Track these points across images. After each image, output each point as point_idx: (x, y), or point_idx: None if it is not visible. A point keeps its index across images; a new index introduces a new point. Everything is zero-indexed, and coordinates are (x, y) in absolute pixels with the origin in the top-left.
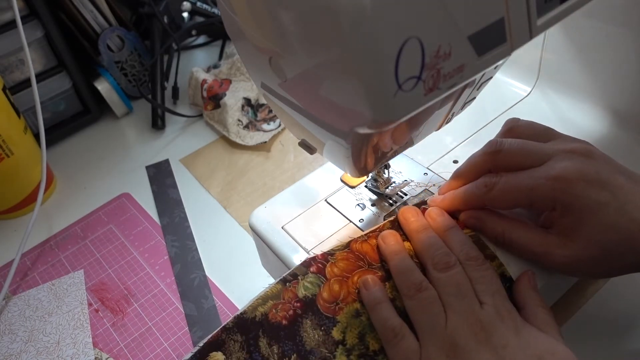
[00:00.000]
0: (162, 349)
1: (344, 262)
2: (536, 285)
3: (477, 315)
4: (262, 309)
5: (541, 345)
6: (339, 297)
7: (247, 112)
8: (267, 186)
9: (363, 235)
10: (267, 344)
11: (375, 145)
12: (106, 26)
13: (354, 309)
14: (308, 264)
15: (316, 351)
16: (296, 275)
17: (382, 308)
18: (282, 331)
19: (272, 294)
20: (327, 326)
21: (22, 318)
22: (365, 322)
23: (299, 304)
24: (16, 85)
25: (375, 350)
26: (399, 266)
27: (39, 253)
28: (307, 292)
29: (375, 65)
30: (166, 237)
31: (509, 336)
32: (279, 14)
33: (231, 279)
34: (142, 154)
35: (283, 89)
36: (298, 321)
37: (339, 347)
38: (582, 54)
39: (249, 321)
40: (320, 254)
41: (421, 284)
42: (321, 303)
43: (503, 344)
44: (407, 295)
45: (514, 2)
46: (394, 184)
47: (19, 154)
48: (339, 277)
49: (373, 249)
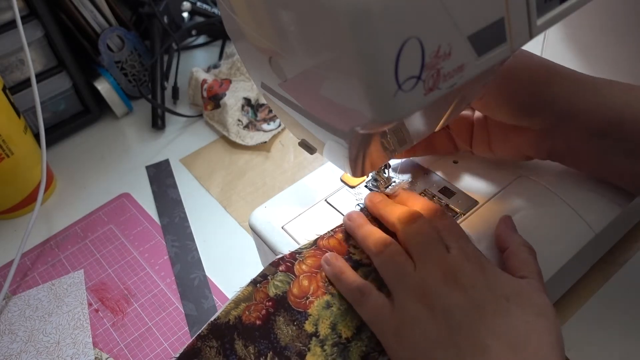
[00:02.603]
0: (162, 349)
1: (311, 259)
2: (514, 226)
3: (444, 260)
4: (235, 312)
5: (507, 286)
6: (308, 291)
7: (247, 112)
8: (267, 186)
9: (329, 232)
10: (243, 346)
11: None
12: (106, 26)
13: (324, 301)
14: (277, 264)
15: (291, 346)
16: (266, 275)
17: (346, 275)
18: (257, 331)
19: (244, 296)
20: (299, 320)
21: (22, 318)
22: (335, 312)
23: (271, 302)
24: (16, 85)
25: (348, 338)
26: (364, 233)
27: (39, 253)
28: (277, 290)
29: (375, 65)
30: (166, 237)
31: (476, 276)
32: (279, 14)
33: (231, 279)
34: (142, 154)
35: (283, 89)
36: (271, 319)
37: (313, 339)
38: (582, 54)
39: (223, 326)
40: (288, 254)
41: (385, 240)
42: (292, 299)
43: (472, 284)
44: (374, 253)
45: (514, 2)
46: (394, 184)
47: (19, 154)
48: (307, 273)
49: (340, 243)
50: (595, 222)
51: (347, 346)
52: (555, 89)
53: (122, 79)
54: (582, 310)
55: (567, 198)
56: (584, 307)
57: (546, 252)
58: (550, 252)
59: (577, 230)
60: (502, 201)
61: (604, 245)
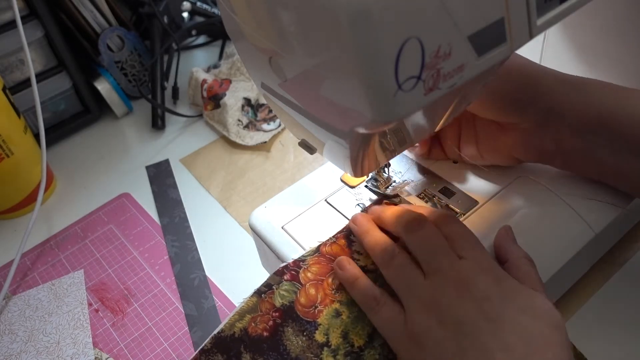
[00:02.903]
0: (162, 349)
1: (316, 266)
2: (514, 238)
3: (456, 269)
4: (240, 325)
5: (522, 298)
6: (316, 300)
7: (247, 112)
8: (267, 186)
9: (331, 238)
10: (251, 359)
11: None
12: (106, 26)
13: (333, 309)
14: (281, 273)
15: (302, 357)
16: (270, 285)
17: (360, 282)
18: (265, 343)
19: (249, 307)
20: (309, 331)
21: (22, 318)
22: (346, 321)
23: (278, 313)
24: (16, 85)
25: (361, 346)
26: (371, 241)
27: (39, 253)
28: (283, 300)
29: (375, 65)
30: (166, 237)
31: (490, 289)
32: (279, 14)
33: (231, 279)
34: (142, 154)
35: (283, 89)
36: (279, 330)
37: (324, 349)
38: (582, 54)
39: (228, 339)
40: (292, 262)
41: (393, 251)
42: (299, 309)
43: (485, 296)
44: (382, 265)
45: (514, 2)
46: (394, 184)
47: (19, 154)
48: (313, 281)
49: (343, 249)
50: (595, 222)
51: (360, 355)
52: (544, 87)
53: (122, 79)
54: (582, 310)
55: (567, 198)
56: (584, 307)
57: (546, 252)
58: (550, 252)
59: (577, 230)
60: (502, 201)
61: (604, 245)
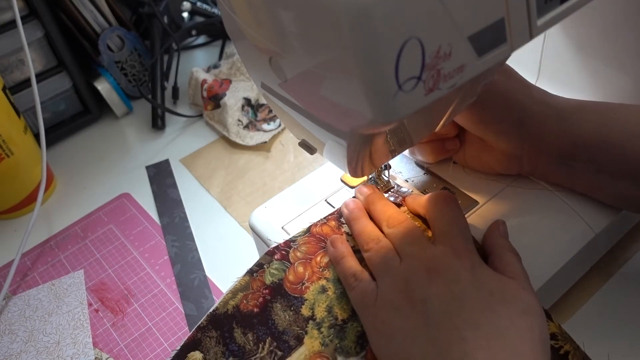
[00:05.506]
0: (162, 349)
1: (305, 245)
2: (506, 233)
3: (430, 254)
4: (233, 302)
5: (493, 283)
6: (304, 277)
7: (247, 112)
8: (267, 186)
9: (322, 219)
10: (242, 333)
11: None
12: (106, 26)
13: (319, 285)
14: (272, 253)
15: (289, 330)
16: (262, 264)
17: (346, 260)
18: (255, 318)
19: (241, 286)
20: (296, 306)
21: (22, 318)
22: (331, 296)
23: (268, 290)
24: (16, 85)
25: (344, 319)
26: (359, 228)
27: (39, 253)
28: (273, 278)
29: (376, 66)
30: (166, 237)
31: (463, 273)
32: (279, 14)
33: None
34: (142, 154)
35: (283, 89)
36: (268, 306)
37: (310, 322)
38: (582, 54)
39: (222, 316)
40: (283, 242)
41: (377, 237)
42: (288, 286)
43: (455, 279)
44: (365, 250)
45: (514, 2)
46: (394, 185)
47: (19, 154)
48: (302, 260)
49: (333, 230)
50: (595, 222)
51: (343, 327)
52: (526, 115)
53: (122, 79)
54: (582, 310)
55: (567, 198)
56: (584, 307)
57: (546, 252)
58: (550, 252)
59: (577, 230)
60: (502, 201)
61: (604, 245)
